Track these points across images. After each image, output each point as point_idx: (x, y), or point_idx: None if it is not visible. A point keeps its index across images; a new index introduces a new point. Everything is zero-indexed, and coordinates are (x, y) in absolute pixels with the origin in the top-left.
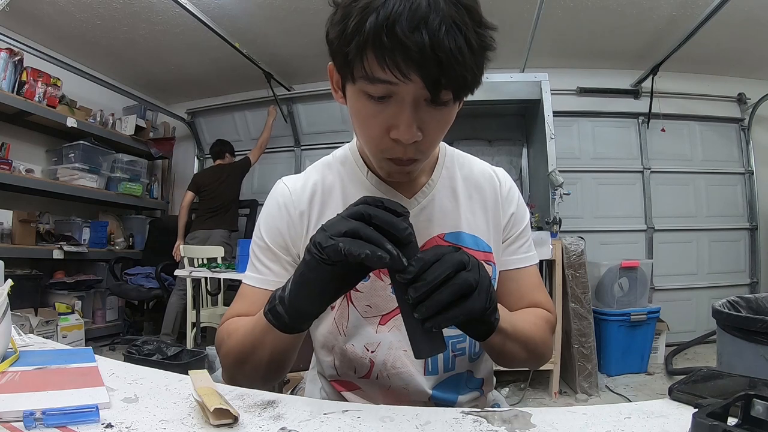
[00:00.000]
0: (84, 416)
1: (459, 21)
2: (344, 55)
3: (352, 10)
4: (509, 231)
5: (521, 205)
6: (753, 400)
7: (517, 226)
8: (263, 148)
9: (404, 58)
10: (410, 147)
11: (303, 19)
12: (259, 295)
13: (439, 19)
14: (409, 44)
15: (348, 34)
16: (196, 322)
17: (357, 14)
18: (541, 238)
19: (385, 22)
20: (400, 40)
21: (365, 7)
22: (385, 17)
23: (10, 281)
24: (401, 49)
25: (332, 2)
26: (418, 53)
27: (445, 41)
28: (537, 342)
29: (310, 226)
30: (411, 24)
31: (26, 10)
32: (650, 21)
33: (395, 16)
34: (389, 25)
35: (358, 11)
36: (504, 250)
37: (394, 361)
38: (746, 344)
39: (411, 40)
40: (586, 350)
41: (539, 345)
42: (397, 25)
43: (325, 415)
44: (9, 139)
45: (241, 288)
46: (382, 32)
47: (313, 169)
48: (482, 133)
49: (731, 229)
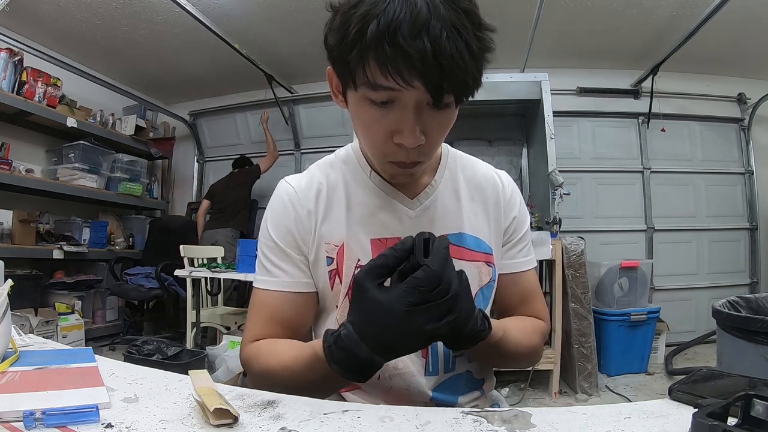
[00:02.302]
0: (84, 416)
1: (459, 26)
2: (345, 62)
3: (351, 17)
4: (511, 234)
5: (523, 209)
6: (753, 400)
7: (519, 229)
8: (275, 155)
9: (406, 65)
10: (413, 150)
11: (303, 19)
12: (278, 300)
13: (440, 25)
14: (411, 52)
15: (349, 41)
16: (196, 322)
17: (357, 21)
18: (541, 238)
19: (386, 29)
20: (402, 48)
21: (365, 14)
22: (386, 24)
23: (10, 281)
24: (403, 57)
25: (330, 7)
26: (421, 60)
27: (447, 47)
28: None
29: (317, 224)
30: (413, 31)
31: (26, 10)
32: (650, 21)
33: (396, 23)
34: (391, 33)
35: (358, 18)
36: (504, 254)
37: (396, 361)
38: (746, 344)
39: (413, 48)
40: (586, 350)
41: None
42: (399, 32)
43: (325, 415)
44: (9, 139)
45: (255, 295)
46: (383, 40)
47: (316, 168)
48: (482, 133)
49: (731, 229)
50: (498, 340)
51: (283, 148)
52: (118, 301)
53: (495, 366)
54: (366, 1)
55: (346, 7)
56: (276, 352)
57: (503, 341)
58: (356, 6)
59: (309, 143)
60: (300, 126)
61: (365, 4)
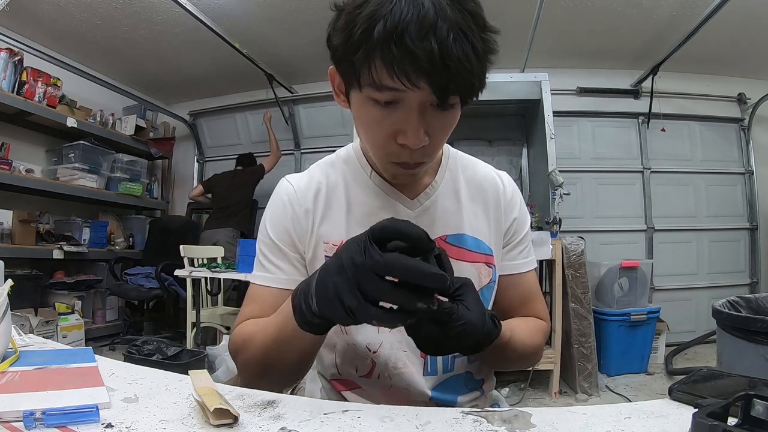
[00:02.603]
0: (84, 416)
1: (465, 27)
2: (350, 62)
3: (356, 17)
4: (511, 236)
5: (523, 211)
6: (753, 400)
7: (519, 231)
8: (278, 154)
9: (413, 66)
10: (417, 151)
11: (303, 19)
12: (271, 295)
13: (447, 26)
14: (418, 53)
15: (354, 41)
16: (196, 322)
17: (363, 22)
18: (541, 238)
19: (393, 30)
20: (409, 49)
21: (372, 14)
22: (394, 25)
23: (10, 281)
24: (410, 58)
25: (334, 6)
26: (428, 62)
27: (453, 49)
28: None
29: (315, 223)
30: (420, 32)
31: (26, 10)
32: (650, 21)
33: (404, 24)
34: (398, 34)
35: (364, 19)
36: (505, 255)
37: (396, 361)
38: (746, 344)
39: (420, 49)
40: (586, 350)
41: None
42: (406, 33)
43: (325, 415)
44: (9, 139)
45: (250, 290)
46: (390, 41)
47: (317, 167)
48: (482, 133)
49: (731, 229)
50: (506, 342)
51: (283, 147)
52: (118, 301)
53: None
54: (372, 1)
55: (351, 7)
56: (259, 322)
57: (510, 343)
58: (362, 6)
59: (309, 143)
60: (300, 126)
61: (371, 5)
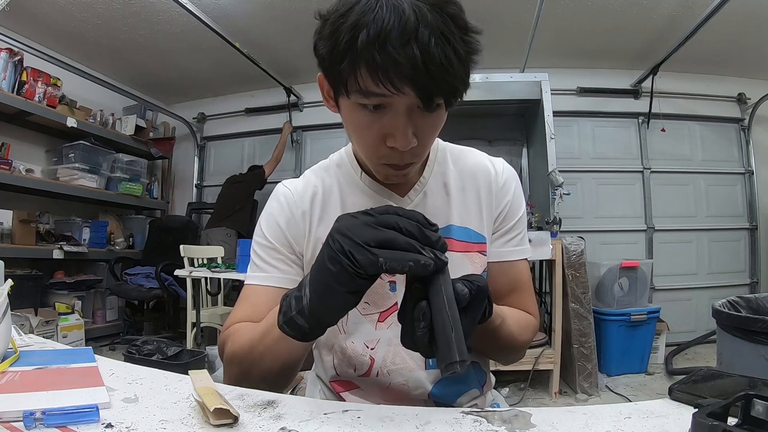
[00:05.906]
0: (84, 416)
1: (446, 31)
2: (337, 71)
3: (341, 26)
4: (502, 221)
5: (518, 196)
6: (753, 400)
7: (510, 217)
8: (278, 161)
9: (397, 72)
10: (407, 152)
11: (303, 19)
12: (264, 294)
13: (428, 32)
14: (401, 60)
15: (339, 51)
16: (196, 322)
17: (347, 31)
18: (541, 238)
19: (376, 39)
20: (392, 56)
21: (355, 24)
22: (376, 34)
23: (10, 281)
24: (394, 65)
25: (318, 15)
26: (411, 68)
27: (435, 54)
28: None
29: (312, 226)
30: (402, 39)
31: (26, 10)
32: (650, 21)
33: (386, 32)
34: (381, 42)
35: (348, 28)
36: (494, 241)
37: (394, 357)
38: (746, 344)
39: (402, 56)
40: (586, 350)
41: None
42: (389, 40)
43: (325, 415)
44: (9, 139)
45: (244, 290)
46: (374, 49)
47: (312, 173)
48: (482, 133)
49: (731, 229)
50: (496, 327)
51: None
52: (118, 301)
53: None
54: (355, 10)
55: (336, 17)
56: (248, 325)
57: (500, 329)
58: (345, 15)
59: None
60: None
61: (354, 14)
